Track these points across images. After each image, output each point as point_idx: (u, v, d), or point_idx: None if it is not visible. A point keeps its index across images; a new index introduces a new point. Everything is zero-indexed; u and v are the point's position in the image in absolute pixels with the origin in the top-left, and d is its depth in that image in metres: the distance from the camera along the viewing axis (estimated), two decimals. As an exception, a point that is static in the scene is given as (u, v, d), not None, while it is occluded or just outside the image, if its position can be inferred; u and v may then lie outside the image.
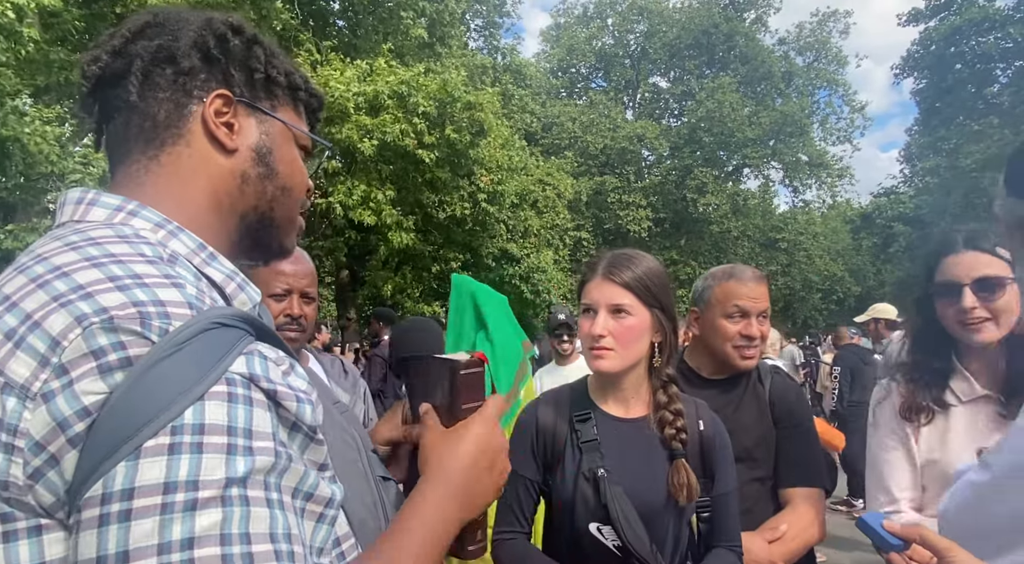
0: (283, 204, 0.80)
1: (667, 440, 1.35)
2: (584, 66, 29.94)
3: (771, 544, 1.59)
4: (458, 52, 14.48)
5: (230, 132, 0.75)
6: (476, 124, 10.63)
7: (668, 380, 1.42)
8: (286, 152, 0.80)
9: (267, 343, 0.63)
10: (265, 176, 0.78)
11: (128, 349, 0.53)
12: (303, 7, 11.37)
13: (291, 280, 1.60)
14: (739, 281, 1.78)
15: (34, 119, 6.85)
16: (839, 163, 28.19)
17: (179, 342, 0.54)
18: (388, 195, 10.32)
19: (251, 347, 0.60)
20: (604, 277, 1.39)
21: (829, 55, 29.26)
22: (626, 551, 1.26)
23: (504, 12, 18.12)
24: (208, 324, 0.57)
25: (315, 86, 0.86)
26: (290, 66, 0.82)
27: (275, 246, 0.83)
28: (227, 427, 0.54)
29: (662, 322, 1.39)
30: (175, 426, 0.51)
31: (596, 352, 1.37)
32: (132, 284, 0.57)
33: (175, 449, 0.51)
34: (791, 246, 26.55)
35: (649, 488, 1.32)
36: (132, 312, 0.54)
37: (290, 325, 1.60)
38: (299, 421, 0.61)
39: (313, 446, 0.63)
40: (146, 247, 0.63)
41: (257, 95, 0.78)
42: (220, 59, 0.74)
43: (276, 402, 0.59)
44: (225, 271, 0.71)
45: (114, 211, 0.68)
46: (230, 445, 0.53)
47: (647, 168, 27.65)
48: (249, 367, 0.58)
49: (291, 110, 0.82)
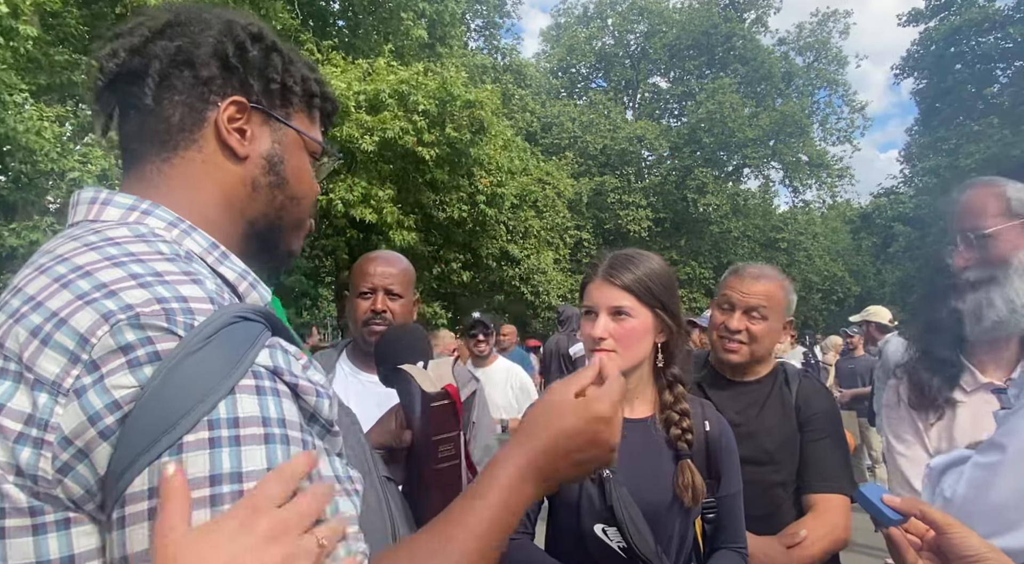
0: (291, 212, 0.81)
1: (673, 440, 1.35)
2: (584, 66, 29.94)
3: (791, 549, 1.58)
4: (458, 52, 14.48)
5: (242, 139, 0.75)
6: (476, 122, 10.63)
7: (674, 380, 1.40)
8: (297, 161, 0.81)
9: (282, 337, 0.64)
10: (275, 185, 0.78)
11: (156, 344, 0.54)
12: (303, 7, 11.37)
13: (375, 279, 1.80)
14: (737, 276, 1.84)
15: (31, 117, 6.84)
16: (839, 163, 28.22)
17: (206, 336, 0.56)
18: (389, 193, 10.32)
19: (272, 340, 0.61)
20: (604, 279, 1.38)
21: (829, 55, 29.27)
22: (631, 552, 1.26)
23: (504, 12, 18.13)
24: (231, 318, 0.58)
25: (330, 91, 0.87)
26: (307, 71, 0.83)
27: (282, 250, 0.84)
28: (261, 418, 0.55)
29: (665, 322, 1.38)
30: (211, 420, 0.53)
31: (597, 354, 1.35)
32: (154, 281, 0.58)
33: (215, 443, 0.53)
34: (791, 246, 26.56)
35: (654, 489, 1.31)
36: (157, 308, 0.56)
37: (374, 320, 1.77)
38: (317, 414, 0.62)
39: (329, 438, 0.65)
40: (163, 245, 0.64)
41: (273, 103, 0.78)
42: (238, 66, 0.75)
43: (297, 395, 0.60)
44: (237, 270, 0.72)
45: (128, 210, 0.69)
46: (267, 435, 0.55)
47: (647, 168, 27.66)
48: (273, 360, 0.59)
49: (305, 117, 0.83)
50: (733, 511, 1.41)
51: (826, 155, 28.00)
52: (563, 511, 1.37)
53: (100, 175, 7.34)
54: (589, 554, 1.31)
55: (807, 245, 26.94)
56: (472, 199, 11.83)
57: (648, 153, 27.23)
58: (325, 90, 0.85)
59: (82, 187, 0.74)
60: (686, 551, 1.36)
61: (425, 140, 10.02)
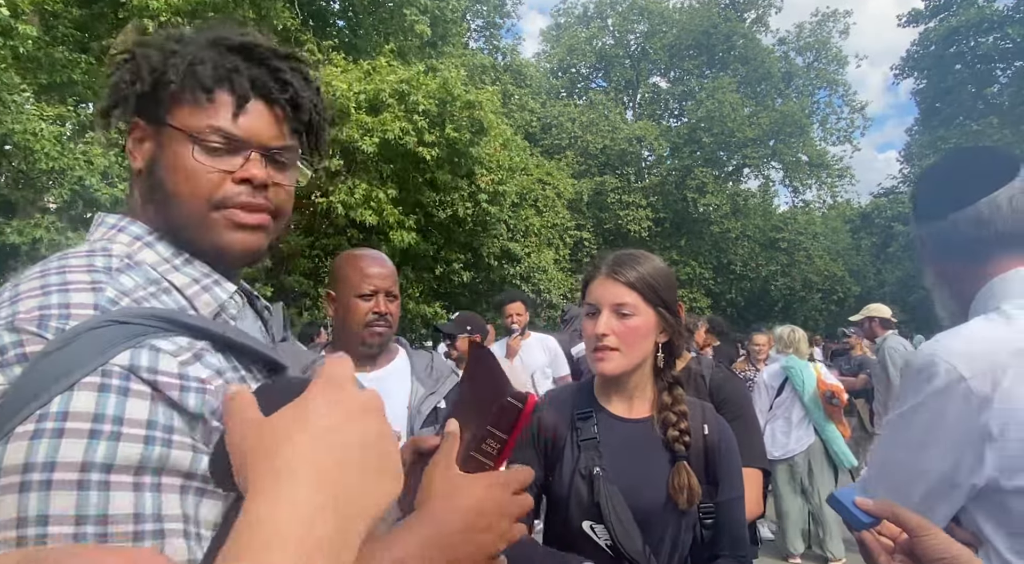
0: (179, 211, 0.76)
1: (670, 442, 1.33)
2: (584, 66, 29.91)
3: None
4: (459, 52, 14.47)
5: (135, 156, 0.79)
6: (476, 123, 10.62)
7: (674, 381, 1.40)
8: (173, 158, 0.75)
9: (188, 336, 0.67)
10: (153, 189, 0.77)
11: (25, 346, 0.60)
12: (303, 7, 11.37)
13: (376, 282, 1.82)
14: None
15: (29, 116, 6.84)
16: (839, 163, 28.19)
17: (67, 339, 0.60)
18: (389, 194, 10.32)
19: (145, 341, 0.63)
20: (608, 276, 1.37)
21: (829, 55, 29.25)
22: (617, 550, 1.25)
23: (504, 12, 18.13)
24: (101, 322, 0.62)
25: (230, 58, 0.78)
26: (198, 49, 0.77)
27: (210, 250, 0.78)
28: (93, 415, 0.57)
29: (668, 322, 1.37)
30: (41, 414, 0.56)
31: (598, 354, 1.34)
32: (54, 290, 0.64)
33: (37, 434, 0.56)
34: (791, 246, 26.51)
35: (648, 489, 1.30)
36: (34, 315, 0.62)
37: (378, 321, 1.80)
38: (183, 407, 0.62)
39: (203, 429, 0.64)
40: (100, 259, 0.70)
41: (154, 107, 0.76)
42: (124, 91, 0.78)
43: (157, 391, 0.61)
44: (193, 275, 0.76)
45: (109, 228, 0.76)
46: (93, 431, 0.57)
47: (647, 168, 27.64)
48: (133, 359, 0.61)
49: (191, 105, 0.75)
50: (733, 517, 1.37)
51: (826, 155, 27.97)
52: (554, 507, 1.36)
53: (104, 172, 7.34)
54: (579, 551, 1.30)
55: (807, 245, 26.89)
56: (473, 197, 11.82)
57: (648, 153, 27.23)
58: (221, 58, 0.77)
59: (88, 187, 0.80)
60: (680, 555, 1.32)
61: (426, 140, 10.01)
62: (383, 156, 10.28)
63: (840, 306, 26.81)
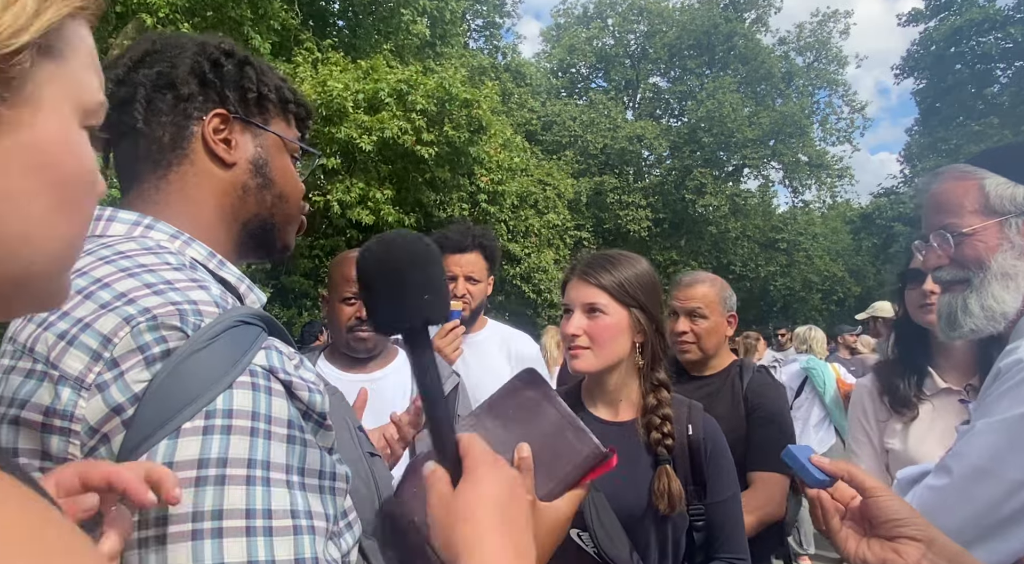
0: (281, 209, 0.88)
1: (653, 445, 1.33)
2: (584, 66, 29.89)
3: None
4: (458, 52, 14.46)
5: (228, 148, 0.83)
6: (474, 121, 10.61)
7: (659, 384, 1.39)
8: (280, 162, 0.88)
9: (278, 338, 0.70)
10: (263, 186, 0.86)
11: (168, 342, 0.61)
12: (303, 7, 11.35)
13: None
14: (676, 286, 2.16)
15: None
16: (839, 163, 28.18)
17: (210, 337, 0.62)
18: (387, 194, 10.30)
19: (268, 342, 0.67)
20: (580, 277, 1.40)
21: (829, 55, 29.23)
22: (603, 558, 1.24)
23: (504, 13, 18.12)
24: (233, 321, 0.65)
25: (303, 97, 0.94)
26: (279, 81, 0.90)
27: (278, 246, 0.91)
28: (251, 412, 0.61)
29: (642, 322, 1.37)
30: (209, 411, 0.59)
31: (572, 352, 1.36)
32: (166, 289, 0.65)
33: (208, 430, 0.59)
34: (791, 246, 26.50)
35: (632, 494, 1.29)
36: (172, 309, 0.63)
37: (359, 327, 1.81)
38: (310, 409, 0.67)
39: (323, 432, 0.70)
40: (170, 256, 0.72)
41: (250, 111, 0.85)
42: (215, 82, 0.82)
43: (291, 392, 0.66)
44: (236, 274, 0.80)
45: (132, 225, 0.76)
46: (252, 428, 0.60)
47: (647, 168, 27.62)
48: (268, 360, 0.65)
49: (282, 122, 0.90)
50: (728, 518, 1.35)
51: (826, 155, 27.94)
52: None
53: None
54: (569, 558, 1.27)
55: (807, 245, 26.87)
56: (473, 198, 11.81)
57: (648, 153, 27.20)
58: (298, 96, 0.92)
59: None
60: (674, 559, 1.31)
61: (424, 139, 10.00)
62: (382, 155, 10.27)
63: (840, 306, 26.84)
